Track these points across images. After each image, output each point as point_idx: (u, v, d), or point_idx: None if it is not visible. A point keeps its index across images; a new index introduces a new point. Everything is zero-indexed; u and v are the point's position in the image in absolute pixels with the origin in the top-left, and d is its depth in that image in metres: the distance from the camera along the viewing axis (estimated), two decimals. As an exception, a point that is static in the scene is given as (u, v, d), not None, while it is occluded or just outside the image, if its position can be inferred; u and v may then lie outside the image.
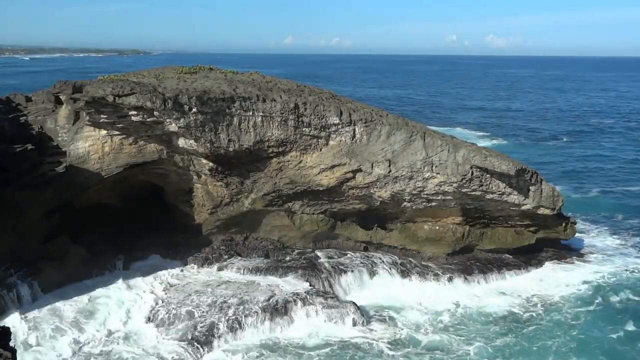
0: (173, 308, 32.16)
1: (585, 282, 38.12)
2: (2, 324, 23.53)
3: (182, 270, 37.40)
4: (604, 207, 55.48)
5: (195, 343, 29.34)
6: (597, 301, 35.58)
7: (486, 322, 33.18)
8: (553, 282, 38.31)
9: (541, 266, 40.82)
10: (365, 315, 33.21)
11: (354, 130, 37.90)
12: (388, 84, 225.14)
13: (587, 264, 41.16)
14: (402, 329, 32.11)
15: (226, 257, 38.98)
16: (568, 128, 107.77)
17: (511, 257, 41.17)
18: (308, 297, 33.88)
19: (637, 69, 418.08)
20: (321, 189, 38.70)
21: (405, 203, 39.38)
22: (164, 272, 36.75)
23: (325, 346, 30.20)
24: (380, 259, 39.94)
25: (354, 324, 32.20)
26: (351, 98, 46.68)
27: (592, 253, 43.28)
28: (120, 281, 34.80)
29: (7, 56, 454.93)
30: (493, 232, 41.46)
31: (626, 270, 40.01)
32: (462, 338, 31.29)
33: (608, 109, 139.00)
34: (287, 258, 39.06)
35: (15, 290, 30.69)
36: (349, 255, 40.44)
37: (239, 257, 39.08)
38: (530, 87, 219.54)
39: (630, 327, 32.38)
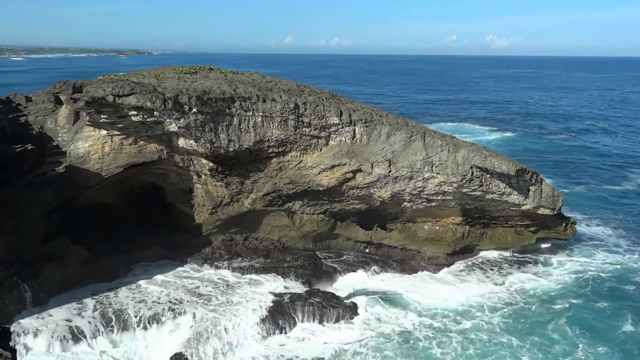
0: (172, 309, 32.15)
1: (575, 272, 39.06)
2: (2, 325, 23.48)
3: (182, 271, 37.40)
4: (597, 199, 56.72)
5: (194, 344, 29.35)
6: (588, 289, 36.46)
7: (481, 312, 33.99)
8: (540, 273, 39.17)
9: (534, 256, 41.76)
10: (367, 314, 33.21)
11: (354, 130, 37.89)
12: (391, 84, 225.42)
13: (580, 255, 42.04)
14: (406, 324, 32.27)
15: (226, 257, 39.01)
16: (568, 125, 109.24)
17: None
18: (309, 297, 33.90)
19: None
20: (321, 189, 38.69)
21: (405, 203, 39.39)
22: (164, 272, 36.74)
23: (326, 346, 30.15)
24: (379, 258, 40.05)
25: (355, 324, 32.20)
26: (353, 98, 46.72)
27: (585, 244, 44.16)
28: (120, 283, 34.79)
29: (5, 56, 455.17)
30: (493, 232, 41.50)
31: (613, 261, 41.05)
32: (468, 326, 32.21)
33: (608, 108, 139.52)
34: (287, 258, 39.06)
35: (15, 290, 30.60)
36: (348, 255, 40.52)
37: (239, 258, 39.09)
38: (532, 86, 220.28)
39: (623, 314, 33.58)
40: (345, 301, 34.14)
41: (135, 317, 31.06)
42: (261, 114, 36.25)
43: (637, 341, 30.55)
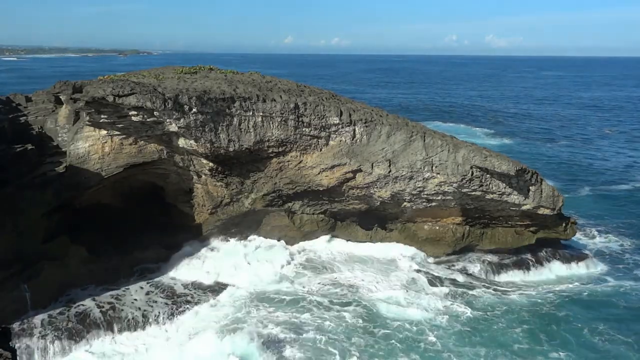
0: (173, 309, 32.17)
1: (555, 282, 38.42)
2: (2, 325, 23.43)
3: (182, 271, 37.35)
4: (595, 205, 55.78)
5: (194, 342, 29.36)
6: (567, 303, 35.14)
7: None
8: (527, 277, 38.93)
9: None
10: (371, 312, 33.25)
11: (354, 130, 37.91)
12: (391, 84, 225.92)
13: (574, 261, 41.07)
14: (413, 323, 32.20)
15: (226, 257, 39.03)
16: (568, 126, 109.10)
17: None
18: (309, 296, 33.93)
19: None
20: (321, 189, 38.70)
21: (405, 203, 39.39)
22: (164, 272, 36.73)
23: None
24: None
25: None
26: (353, 98, 46.70)
27: (581, 250, 43.05)
28: (120, 283, 34.80)
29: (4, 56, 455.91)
30: (493, 232, 41.46)
31: (616, 270, 40.02)
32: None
33: (608, 110, 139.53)
34: (287, 258, 39.11)
35: (15, 291, 30.54)
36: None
37: (239, 257, 39.14)
38: (532, 86, 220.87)
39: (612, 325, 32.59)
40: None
41: (136, 317, 31.07)
42: (261, 114, 36.27)
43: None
